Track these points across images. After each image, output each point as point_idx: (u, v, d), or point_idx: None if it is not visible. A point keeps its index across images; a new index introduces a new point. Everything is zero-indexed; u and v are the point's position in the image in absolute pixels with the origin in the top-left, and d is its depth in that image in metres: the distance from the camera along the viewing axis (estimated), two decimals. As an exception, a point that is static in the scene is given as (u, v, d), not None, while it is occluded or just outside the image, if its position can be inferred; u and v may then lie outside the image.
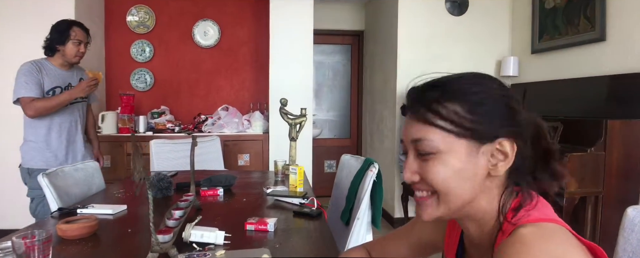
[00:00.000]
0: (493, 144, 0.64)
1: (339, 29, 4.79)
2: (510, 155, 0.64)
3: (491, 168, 0.65)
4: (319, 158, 4.87)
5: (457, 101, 0.64)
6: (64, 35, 2.25)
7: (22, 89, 2.14)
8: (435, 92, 0.66)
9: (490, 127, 0.64)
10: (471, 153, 0.64)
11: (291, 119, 2.34)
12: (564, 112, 3.13)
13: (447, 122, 0.64)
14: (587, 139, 2.64)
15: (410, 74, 3.72)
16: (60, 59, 2.30)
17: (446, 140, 0.64)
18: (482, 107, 0.64)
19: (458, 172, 0.64)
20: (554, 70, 3.37)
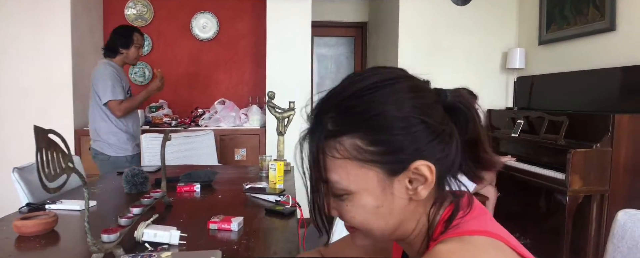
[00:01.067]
0: (408, 171, 0.54)
1: (342, 21, 4.69)
2: (429, 177, 0.54)
3: (412, 194, 0.56)
4: (321, 153, 4.79)
5: (356, 132, 0.54)
6: (127, 39, 2.53)
7: (110, 92, 2.44)
8: (330, 123, 0.55)
9: (399, 155, 0.53)
10: (385, 188, 0.55)
11: (279, 112, 2.27)
12: (572, 105, 2.98)
13: (350, 160, 0.54)
14: (593, 135, 2.50)
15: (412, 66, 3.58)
16: (121, 60, 2.58)
17: (353, 179, 0.55)
18: (385, 133, 0.53)
19: (375, 210, 0.56)
20: (562, 62, 3.21)
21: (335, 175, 0.56)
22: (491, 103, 3.73)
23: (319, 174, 0.57)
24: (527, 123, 3.06)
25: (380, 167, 0.54)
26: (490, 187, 2.90)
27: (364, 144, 0.54)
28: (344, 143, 0.54)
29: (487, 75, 3.73)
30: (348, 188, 0.56)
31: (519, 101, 3.57)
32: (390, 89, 0.55)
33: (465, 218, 0.56)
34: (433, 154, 0.54)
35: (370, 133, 0.54)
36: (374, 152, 0.53)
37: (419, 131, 0.53)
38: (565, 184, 2.38)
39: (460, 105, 0.59)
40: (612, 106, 2.66)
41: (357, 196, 0.56)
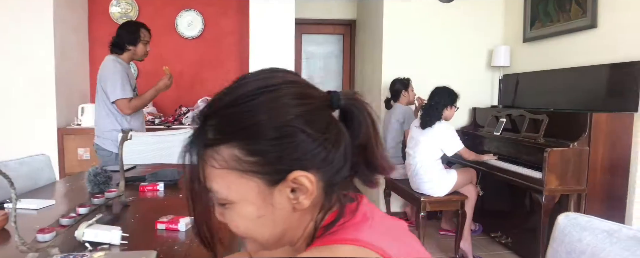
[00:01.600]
0: (287, 182, 0.53)
1: (330, 19, 4.66)
2: (309, 187, 0.53)
3: (294, 203, 0.54)
4: (310, 151, 4.78)
5: (234, 142, 0.52)
6: (135, 36, 2.51)
7: (119, 90, 2.44)
8: (210, 131, 0.54)
9: (277, 165, 0.52)
10: (266, 198, 0.54)
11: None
12: (556, 104, 2.96)
13: (229, 170, 0.53)
14: (571, 133, 2.47)
15: (396, 65, 3.58)
16: (128, 56, 2.56)
17: (234, 189, 0.54)
18: (262, 143, 0.52)
19: (258, 220, 0.55)
20: (546, 59, 3.18)
21: (216, 185, 0.55)
22: (477, 101, 3.71)
23: (199, 183, 0.56)
24: (509, 121, 3.04)
25: (259, 177, 0.53)
26: (471, 186, 2.88)
27: (242, 154, 0.52)
28: (223, 153, 0.53)
29: (472, 72, 3.71)
30: (229, 198, 0.55)
31: (505, 99, 3.54)
32: (269, 96, 0.53)
33: (345, 225, 0.55)
34: (314, 163, 0.53)
35: (247, 143, 0.52)
36: (252, 163, 0.52)
37: (298, 141, 0.52)
38: (542, 183, 2.36)
39: (352, 109, 0.58)
40: (594, 104, 2.64)
41: (238, 206, 0.55)
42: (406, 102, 3.27)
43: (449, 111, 2.79)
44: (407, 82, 3.29)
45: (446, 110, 2.78)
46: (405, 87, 3.27)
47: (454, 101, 2.80)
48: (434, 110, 2.73)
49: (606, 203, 2.45)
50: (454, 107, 2.82)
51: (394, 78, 3.36)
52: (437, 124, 2.71)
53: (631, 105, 2.42)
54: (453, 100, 2.79)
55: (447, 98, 2.76)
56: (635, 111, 2.41)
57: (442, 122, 2.74)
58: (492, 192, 3.36)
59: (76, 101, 3.61)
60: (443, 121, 2.75)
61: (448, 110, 2.78)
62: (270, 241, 0.58)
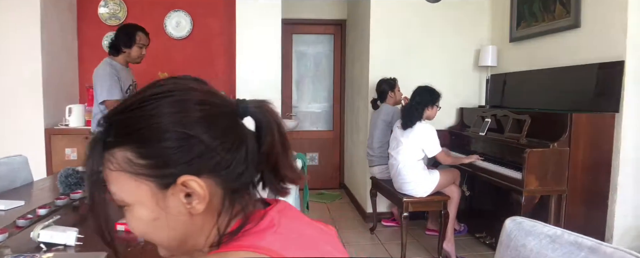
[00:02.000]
0: (178, 185, 0.54)
1: (321, 19, 4.66)
2: (201, 192, 0.54)
3: (189, 208, 0.55)
4: (300, 150, 4.78)
5: (127, 144, 0.54)
6: (131, 39, 2.54)
7: (106, 91, 2.47)
8: (110, 134, 0.55)
9: (166, 169, 0.53)
10: (159, 201, 0.55)
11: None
12: (540, 104, 2.95)
13: (122, 173, 0.54)
14: (553, 134, 2.46)
15: (383, 65, 3.57)
16: (124, 59, 2.60)
17: (128, 191, 0.55)
18: (153, 146, 0.53)
19: (153, 223, 0.56)
20: (531, 59, 3.17)
21: (113, 187, 0.56)
22: (464, 101, 3.70)
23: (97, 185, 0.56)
24: (494, 121, 3.03)
25: (151, 180, 0.54)
26: (454, 186, 2.88)
27: (134, 157, 0.54)
28: (117, 155, 0.54)
29: (460, 73, 3.70)
30: (124, 201, 0.56)
31: (492, 99, 3.53)
32: (164, 102, 0.54)
33: (249, 232, 0.56)
34: (206, 168, 0.54)
35: (139, 146, 0.54)
36: (143, 166, 0.54)
37: (187, 145, 0.53)
38: (522, 184, 2.36)
39: (259, 117, 0.59)
40: (578, 104, 2.62)
41: (134, 208, 0.56)
42: (393, 102, 3.26)
43: (430, 111, 2.79)
44: (393, 83, 3.29)
45: (428, 110, 2.77)
46: (392, 88, 3.26)
47: (436, 101, 2.79)
48: (415, 110, 2.73)
49: (588, 204, 2.44)
50: (436, 106, 2.81)
51: (380, 78, 3.35)
52: (418, 124, 2.71)
53: (613, 105, 2.40)
54: (435, 99, 2.79)
55: (428, 97, 2.76)
56: (616, 111, 2.40)
57: (423, 122, 2.73)
58: (478, 193, 3.36)
59: (64, 101, 3.62)
60: (424, 121, 2.74)
61: (430, 110, 2.78)
62: (171, 245, 0.58)
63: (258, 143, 0.58)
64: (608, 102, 2.43)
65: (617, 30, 2.41)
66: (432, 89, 2.81)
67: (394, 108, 3.22)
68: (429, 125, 2.73)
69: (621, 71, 2.37)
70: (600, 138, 2.42)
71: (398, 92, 3.26)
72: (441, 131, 3.58)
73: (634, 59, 2.36)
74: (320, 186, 4.76)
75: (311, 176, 4.80)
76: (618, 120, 2.40)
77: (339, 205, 4.23)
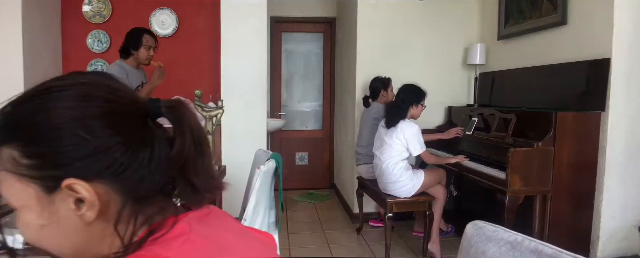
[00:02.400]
0: (63, 189, 0.49)
1: (310, 16, 4.61)
2: (88, 197, 0.48)
3: (80, 215, 0.50)
4: (290, 150, 4.74)
5: (14, 142, 0.49)
6: (137, 41, 2.66)
7: None
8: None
9: (51, 170, 0.48)
10: (45, 207, 0.50)
11: (206, 111, 2.21)
12: (528, 102, 2.90)
13: (8, 173, 0.50)
14: (538, 133, 2.42)
15: (371, 63, 3.52)
16: (134, 61, 2.73)
17: (14, 194, 0.50)
18: (37, 145, 0.48)
19: (40, 230, 0.51)
20: (519, 57, 3.12)
21: (1, 188, 0.51)
22: (453, 99, 3.65)
23: None
24: (482, 120, 2.98)
25: (35, 183, 0.49)
26: (440, 186, 2.83)
27: (19, 157, 0.49)
28: (3, 154, 0.50)
29: (449, 71, 3.65)
30: (12, 203, 0.51)
31: (481, 97, 3.49)
32: (59, 95, 0.50)
33: (156, 241, 0.51)
34: (96, 171, 0.49)
35: (25, 144, 0.49)
36: (27, 166, 0.49)
37: (78, 145, 0.48)
38: (506, 184, 2.31)
39: (171, 118, 0.54)
40: (565, 103, 2.58)
41: (21, 212, 0.51)
42: (384, 101, 3.21)
43: (415, 110, 2.74)
44: (387, 82, 3.24)
45: (412, 108, 2.72)
46: (385, 87, 3.22)
47: (421, 99, 2.75)
48: (399, 109, 2.68)
49: (573, 204, 2.39)
50: (421, 105, 2.76)
51: (374, 76, 3.31)
52: (401, 123, 2.66)
53: (599, 104, 2.36)
54: (419, 98, 2.74)
55: (412, 96, 2.71)
56: (602, 110, 2.35)
57: (406, 121, 2.69)
58: (467, 193, 3.31)
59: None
60: (408, 120, 2.70)
61: (414, 108, 2.73)
62: (64, 253, 0.53)
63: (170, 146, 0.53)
64: (594, 100, 2.39)
65: (604, 28, 2.36)
66: (417, 88, 2.76)
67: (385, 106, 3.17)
68: (413, 124, 2.68)
69: (607, 69, 2.32)
70: (586, 138, 2.37)
71: (391, 92, 3.21)
72: (429, 130, 3.54)
73: (620, 56, 2.31)
74: (310, 186, 4.72)
75: (300, 176, 4.75)
76: (604, 119, 2.35)
77: (327, 205, 4.19)
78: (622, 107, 2.33)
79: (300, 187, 4.68)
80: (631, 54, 2.32)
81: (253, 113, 3.43)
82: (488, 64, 3.47)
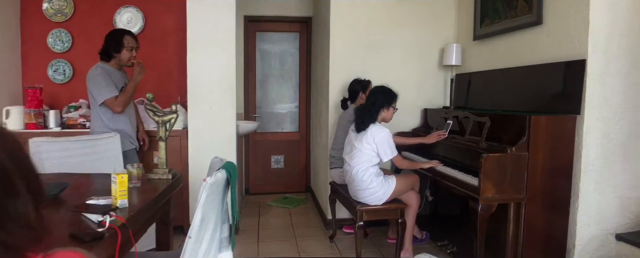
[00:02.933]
0: None
1: (286, 15, 4.47)
2: None
3: None
4: (266, 153, 4.59)
5: None
6: (119, 43, 2.62)
7: (105, 91, 2.55)
8: None
9: None
10: None
11: (159, 115, 2.05)
12: (504, 105, 2.80)
13: None
14: (512, 137, 2.32)
15: (344, 64, 3.40)
16: (116, 63, 2.69)
17: None
18: None
19: None
20: (494, 58, 3.03)
21: None
22: (429, 101, 3.55)
23: None
24: (457, 123, 2.88)
25: None
26: (413, 193, 2.72)
27: None
28: None
29: (425, 72, 3.54)
30: None
31: (458, 99, 3.39)
32: None
33: None
34: None
35: None
36: None
37: None
38: (478, 191, 2.20)
39: None
40: (541, 105, 2.48)
41: None
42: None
43: (386, 112, 2.62)
44: (366, 84, 3.12)
45: (383, 111, 2.61)
46: (364, 89, 3.09)
47: (392, 102, 2.63)
48: (369, 112, 2.56)
49: (549, 211, 2.30)
50: (393, 108, 2.65)
51: (354, 78, 3.19)
52: (371, 126, 2.54)
53: (574, 107, 2.26)
54: (390, 100, 2.62)
55: (383, 98, 2.59)
56: (578, 113, 2.26)
57: (377, 124, 2.57)
58: (443, 198, 3.21)
59: (4, 103, 3.38)
60: (378, 124, 2.58)
61: (385, 111, 2.61)
62: None
63: None
64: (569, 103, 2.29)
65: (579, 27, 2.27)
66: (388, 89, 2.65)
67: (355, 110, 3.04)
68: (383, 128, 2.56)
69: (582, 70, 2.23)
70: (561, 142, 2.27)
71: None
72: (405, 133, 3.43)
73: (596, 57, 2.22)
74: (286, 190, 4.58)
75: (276, 179, 4.61)
76: (579, 123, 2.25)
77: (302, 210, 4.05)
78: (598, 110, 2.24)
79: (275, 191, 4.54)
80: (607, 54, 2.23)
81: (222, 115, 3.28)
82: (464, 65, 3.38)
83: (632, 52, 2.26)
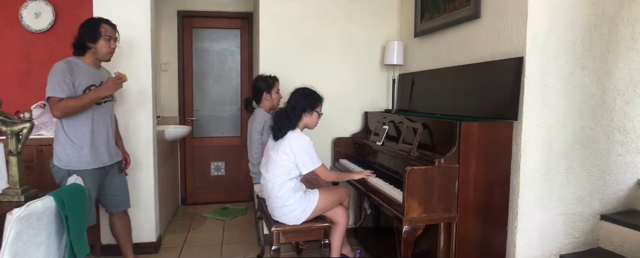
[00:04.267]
0: None
1: (224, 11, 4.11)
2: None
3: None
4: (204, 159, 4.23)
5: None
6: (95, 32, 2.21)
7: (50, 88, 2.10)
8: None
9: None
10: None
11: (7, 126, 1.68)
12: (445, 108, 2.51)
13: None
14: (444, 147, 2.02)
15: (276, 63, 3.06)
16: (92, 56, 2.26)
17: None
18: None
19: None
20: (435, 56, 2.74)
21: None
22: (371, 103, 3.25)
23: None
24: (394, 128, 2.58)
25: None
26: (340, 209, 2.40)
27: None
28: None
29: (367, 72, 3.24)
30: None
31: (401, 102, 3.09)
32: None
33: None
34: None
35: None
36: None
37: None
38: (402, 210, 1.90)
39: None
40: (478, 109, 2.20)
41: None
42: (269, 106, 2.75)
43: (309, 118, 2.30)
44: (271, 81, 2.76)
45: (305, 116, 2.28)
46: (268, 88, 2.73)
47: (315, 105, 2.30)
48: (286, 117, 2.23)
49: (484, 232, 2.01)
50: (316, 112, 2.32)
51: (258, 74, 2.85)
52: (290, 134, 2.22)
53: (512, 111, 1.98)
54: (313, 104, 2.30)
55: (305, 101, 2.27)
56: (515, 119, 1.98)
57: (296, 131, 2.24)
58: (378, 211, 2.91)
59: None
60: (298, 130, 2.25)
61: (308, 116, 2.29)
62: None
63: None
64: (506, 107, 2.01)
65: (517, 20, 1.99)
66: (311, 91, 2.32)
67: (268, 115, 2.70)
68: (302, 135, 2.23)
69: (520, 70, 1.95)
70: (496, 152, 1.99)
71: (276, 95, 2.75)
72: (344, 139, 3.12)
73: (535, 55, 1.94)
74: (227, 199, 4.22)
75: (217, 188, 4.25)
76: (517, 130, 1.98)
77: (239, 222, 3.70)
78: (538, 115, 1.97)
79: (215, 201, 4.18)
80: (547, 52, 1.95)
81: (135, 121, 2.89)
82: (406, 64, 3.08)
83: (575, 49, 2.00)
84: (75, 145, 2.18)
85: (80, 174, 2.11)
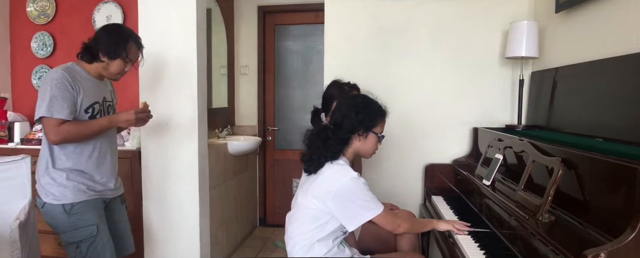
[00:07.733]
0: None
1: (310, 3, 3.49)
2: None
3: None
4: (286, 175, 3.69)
5: None
6: (118, 49, 1.75)
7: (46, 105, 1.63)
8: None
9: None
10: None
11: None
12: (610, 128, 1.46)
13: None
14: (609, 212, 1.02)
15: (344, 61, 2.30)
16: (98, 69, 1.80)
17: None
18: None
19: None
20: (592, 40, 1.65)
21: None
22: (483, 115, 2.25)
23: None
24: (513, 158, 1.60)
25: None
26: None
27: None
28: None
29: (478, 69, 2.27)
30: None
31: (533, 114, 2.04)
32: None
33: None
34: None
35: None
36: None
37: None
38: None
39: None
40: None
41: None
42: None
43: (362, 142, 1.49)
44: (347, 89, 2.02)
45: (356, 139, 1.47)
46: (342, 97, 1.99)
47: (373, 123, 1.48)
48: (324, 140, 1.46)
49: None
50: (373, 134, 1.49)
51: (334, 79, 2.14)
52: (327, 166, 1.44)
53: None
54: (371, 120, 1.48)
55: (356, 117, 1.46)
56: None
57: (340, 163, 1.45)
58: None
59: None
60: (343, 161, 1.46)
61: (360, 140, 1.48)
62: None
63: None
64: None
65: None
66: (366, 101, 1.51)
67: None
68: (347, 169, 1.43)
69: None
70: None
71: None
72: (441, 165, 2.21)
73: None
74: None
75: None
76: None
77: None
78: None
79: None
80: None
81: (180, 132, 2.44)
82: (544, 56, 2.01)
83: None
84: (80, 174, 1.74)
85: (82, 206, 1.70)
